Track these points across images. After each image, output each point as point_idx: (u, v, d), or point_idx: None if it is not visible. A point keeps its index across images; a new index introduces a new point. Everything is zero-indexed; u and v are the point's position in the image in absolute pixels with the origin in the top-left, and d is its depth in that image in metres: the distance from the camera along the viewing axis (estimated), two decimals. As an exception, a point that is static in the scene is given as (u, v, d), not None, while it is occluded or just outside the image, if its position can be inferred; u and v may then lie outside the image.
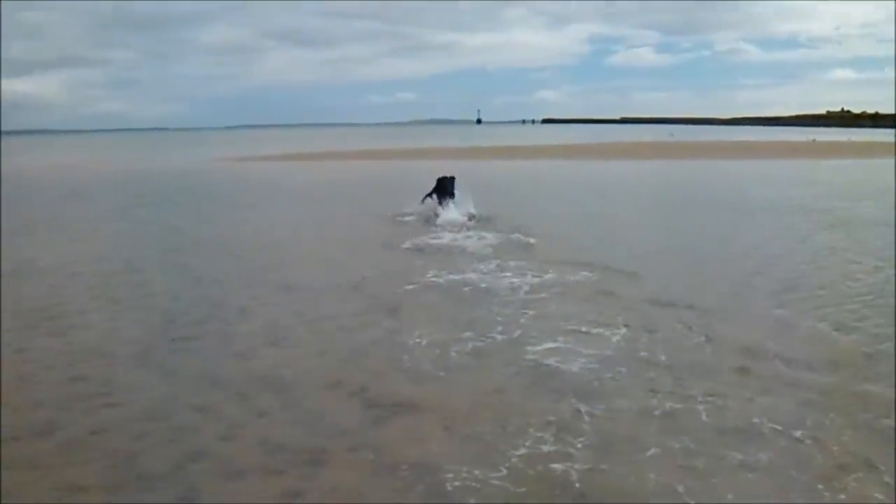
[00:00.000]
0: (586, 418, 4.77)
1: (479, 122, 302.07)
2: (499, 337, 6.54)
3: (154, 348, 6.39)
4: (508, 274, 9.04)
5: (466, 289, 8.36)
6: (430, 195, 14.62)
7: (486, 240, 11.57)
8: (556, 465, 4.13)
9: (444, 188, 14.57)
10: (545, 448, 4.35)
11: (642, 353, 6.02)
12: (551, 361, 5.84)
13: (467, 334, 6.59)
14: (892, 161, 29.12)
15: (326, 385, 5.47)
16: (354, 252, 10.97)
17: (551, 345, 6.26)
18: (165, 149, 67.10)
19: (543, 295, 8.00)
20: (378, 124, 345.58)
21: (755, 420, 4.69)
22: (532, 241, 11.37)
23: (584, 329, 6.71)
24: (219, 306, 7.84)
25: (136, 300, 8.21)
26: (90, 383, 5.56)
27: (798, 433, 4.49)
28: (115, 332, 6.97)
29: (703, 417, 4.78)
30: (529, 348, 6.17)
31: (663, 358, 5.90)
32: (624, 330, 6.65)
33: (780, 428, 4.56)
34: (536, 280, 8.67)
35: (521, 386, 5.39)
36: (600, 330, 6.68)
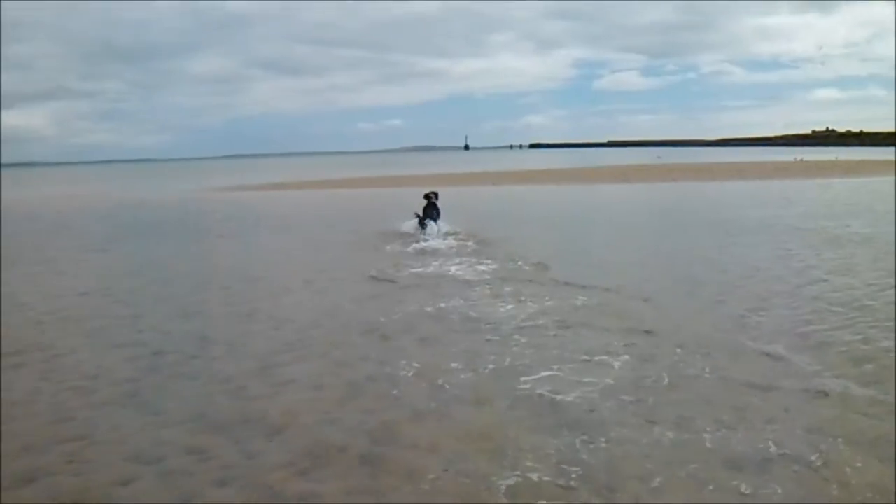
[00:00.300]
0: (586, 450, 4.66)
1: (466, 147, 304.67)
2: (491, 366, 6.44)
3: (142, 386, 6.22)
4: (503, 301, 8.96)
5: (459, 317, 8.26)
6: (418, 216, 15.85)
7: (481, 267, 11.49)
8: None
9: (429, 206, 15.85)
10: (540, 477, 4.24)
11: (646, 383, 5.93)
12: (548, 391, 5.74)
13: (461, 365, 6.49)
14: (883, 179, 29.40)
15: (322, 422, 5.32)
16: (344, 282, 10.83)
17: (546, 373, 6.17)
18: (153, 179, 66.91)
19: (542, 322, 7.92)
20: (367, 152, 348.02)
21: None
22: (527, 267, 11.31)
23: (584, 357, 6.62)
24: (207, 341, 7.67)
25: (123, 335, 8.02)
26: (74, 425, 5.38)
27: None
28: (101, 369, 6.78)
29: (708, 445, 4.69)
30: (525, 378, 6.07)
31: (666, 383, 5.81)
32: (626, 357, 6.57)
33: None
34: (534, 307, 8.57)
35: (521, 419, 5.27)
36: (603, 357, 6.59)
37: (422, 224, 15.67)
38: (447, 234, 15.02)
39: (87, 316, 9.07)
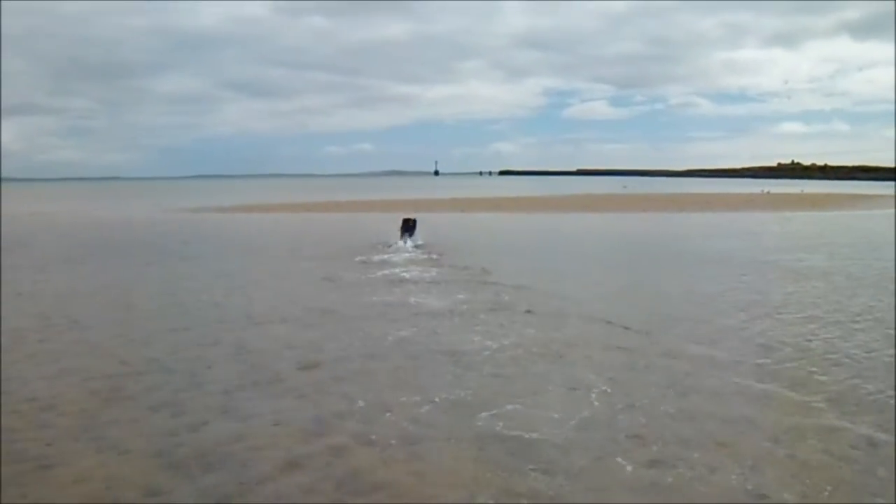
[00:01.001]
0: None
1: (436, 173, 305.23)
2: (468, 399, 6.33)
3: (98, 420, 5.98)
4: (476, 332, 8.88)
5: (431, 349, 8.15)
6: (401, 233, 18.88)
7: (454, 296, 11.42)
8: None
9: (407, 227, 19.14)
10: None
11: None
12: (518, 430, 5.65)
13: (434, 398, 6.37)
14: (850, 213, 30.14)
15: (285, 464, 5.15)
16: (312, 310, 10.64)
17: (516, 407, 6.08)
18: (119, 198, 65.73)
19: (520, 352, 7.87)
20: (336, 175, 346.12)
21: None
22: (506, 297, 11.27)
23: (558, 389, 6.56)
24: (169, 371, 7.44)
25: (81, 364, 7.75)
26: (25, 463, 5.14)
27: None
28: (57, 399, 6.53)
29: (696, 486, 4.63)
30: (497, 411, 5.98)
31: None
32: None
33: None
34: (508, 341, 8.51)
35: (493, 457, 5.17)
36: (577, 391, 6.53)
37: (403, 233, 18.95)
38: (418, 246, 17.97)
39: (44, 344, 8.75)
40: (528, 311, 10.16)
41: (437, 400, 6.39)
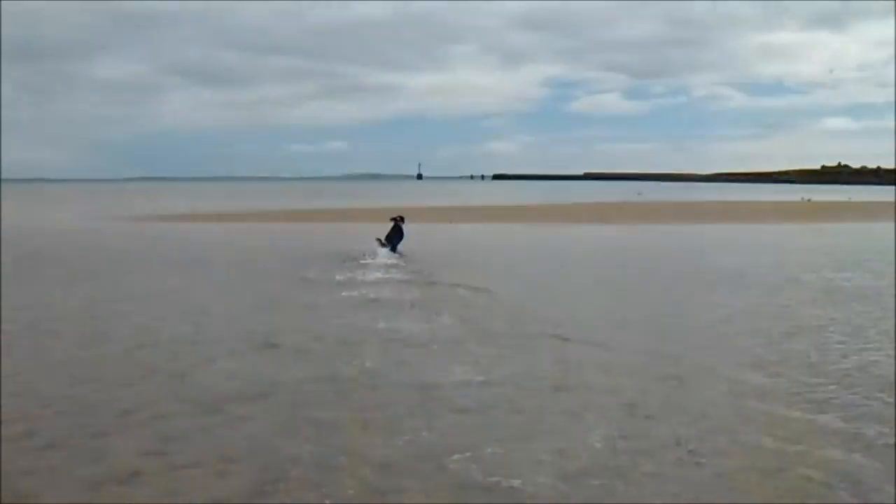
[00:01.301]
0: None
1: (419, 177, 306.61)
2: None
3: (7, 471, 5.93)
4: (459, 367, 8.92)
5: (404, 384, 8.19)
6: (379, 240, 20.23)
7: (434, 321, 11.48)
8: None
9: (392, 232, 20.43)
10: None
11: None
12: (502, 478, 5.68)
13: (407, 443, 6.40)
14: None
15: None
16: (259, 336, 10.64)
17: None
18: (44, 204, 65.42)
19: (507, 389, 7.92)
20: (303, 179, 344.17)
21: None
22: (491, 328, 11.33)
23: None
24: (93, 410, 7.40)
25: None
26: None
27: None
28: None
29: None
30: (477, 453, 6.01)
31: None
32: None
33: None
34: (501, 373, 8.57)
35: None
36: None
37: (384, 243, 20.20)
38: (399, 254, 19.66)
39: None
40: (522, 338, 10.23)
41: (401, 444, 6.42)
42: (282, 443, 6.51)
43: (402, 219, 21.08)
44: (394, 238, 20.46)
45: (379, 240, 20.37)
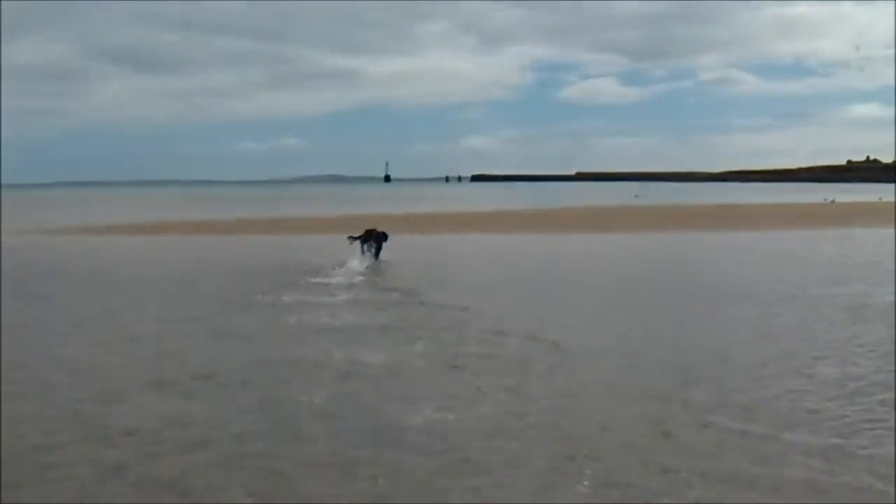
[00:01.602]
0: None
1: (387, 179, 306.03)
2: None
3: None
4: (431, 405, 8.99)
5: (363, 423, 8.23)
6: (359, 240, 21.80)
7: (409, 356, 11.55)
8: None
9: (370, 238, 21.77)
10: None
11: None
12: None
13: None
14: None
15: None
16: (196, 370, 10.65)
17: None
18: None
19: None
20: (252, 182, 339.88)
21: None
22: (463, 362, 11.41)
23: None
24: (15, 462, 7.39)
25: None
26: None
27: None
28: None
29: None
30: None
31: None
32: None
33: None
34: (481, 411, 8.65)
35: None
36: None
37: (361, 242, 21.77)
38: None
39: None
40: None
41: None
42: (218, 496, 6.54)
43: (384, 235, 22.46)
44: (375, 242, 21.87)
45: (351, 237, 21.76)
